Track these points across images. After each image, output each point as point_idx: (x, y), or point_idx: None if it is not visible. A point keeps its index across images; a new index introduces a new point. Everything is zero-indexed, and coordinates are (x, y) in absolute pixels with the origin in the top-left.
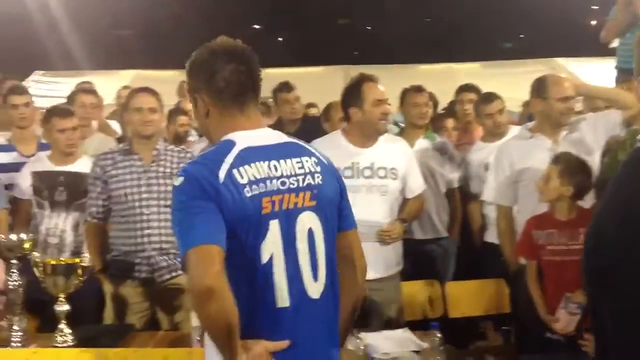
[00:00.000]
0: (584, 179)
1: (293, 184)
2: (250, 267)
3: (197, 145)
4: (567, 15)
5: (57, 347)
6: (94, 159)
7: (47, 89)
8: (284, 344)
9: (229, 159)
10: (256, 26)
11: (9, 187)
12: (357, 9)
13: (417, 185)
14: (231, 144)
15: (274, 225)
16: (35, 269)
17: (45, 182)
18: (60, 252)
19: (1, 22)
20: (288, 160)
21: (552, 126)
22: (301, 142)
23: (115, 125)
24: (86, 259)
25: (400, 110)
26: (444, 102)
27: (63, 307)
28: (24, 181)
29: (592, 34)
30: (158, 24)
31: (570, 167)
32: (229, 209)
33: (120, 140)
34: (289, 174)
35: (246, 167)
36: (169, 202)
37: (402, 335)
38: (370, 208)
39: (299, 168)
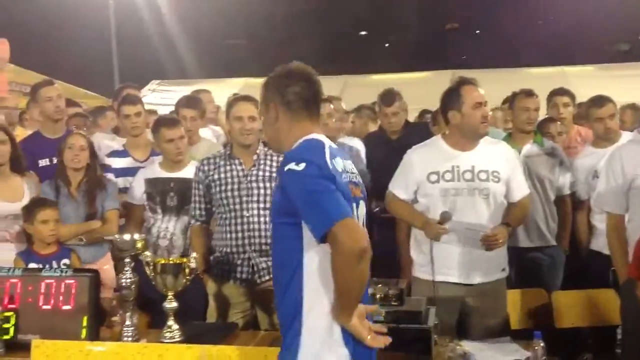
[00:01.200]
0: None
1: (353, 179)
2: None
3: None
4: None
5: (165, 342)
6: (198, 164)
7: (162, 97)
8: (374, 307)
9: (326, 151)
10: (363, 32)
11: (123, 190)
12: (465, 13)
13: (520, 189)
14: (319, 140)
15: (354, 209)
16: (146, 268)
17: (157, 188)
18: (170, 254)
19: (122, 36)
20: (348, 161)
21: None
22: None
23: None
24: (193, 259)
25: (508, 114)
26: None
27: (172, 304)
28: (138, 187)
29: None
30: (267, 33)
31: None
32: (339, 190)
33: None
34: (348, 170)
35: (336, 159)
36: (268, 205)
37: (505, 344)
38: (473, 211)
39: (351, 168)
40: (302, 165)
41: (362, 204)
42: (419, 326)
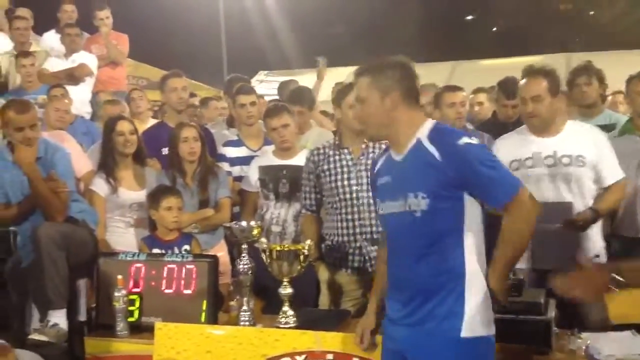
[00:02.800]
0: None
1: None
2: None
3: None
4: None
5: (280, 327)
6: (308, 154)
7: (270, 87)
8: None
9: None
10: (469, 17)
11: (238, 179)
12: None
13: (613, 173)
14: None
15: None
16: (262, 254)
17: (270, 175)
18: (282, 240)
19: (230, 28)
20: None
21: None
22: None
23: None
24: (308, 246)
25: (625, 99)
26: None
27: (287, 290)
28: (253, 175)
29: None
30: (370, 21)
31: None
32: None
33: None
34: None
35: None
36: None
37: (628, 336)
38: (557, 197)
39: None
40: (476, 140)
41: None
42: (538, 317)
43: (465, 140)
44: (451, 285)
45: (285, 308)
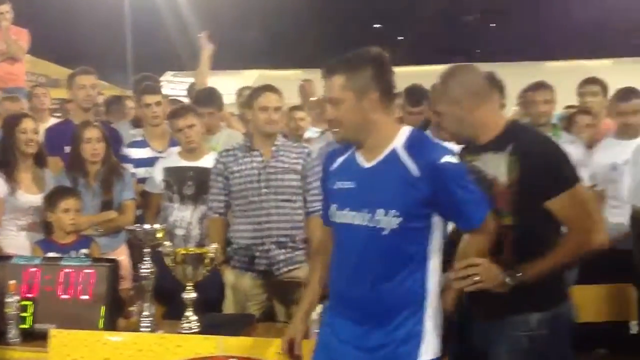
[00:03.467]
0: None
1: None
2: None
3: (316, 145)
4: None
5: (183, 333)
6: (217, 155)
7: (178, 88)
8: None
9: None
10: (377, 25)
11: (142, 181)
12: (480, 6)
13: None
14: (422, 132)
15: None
16: (166, 258)
17: (175, 176)
18: (186, 243)
19: (137, 26)
20: None
21: None
22: None
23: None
24: (214, 249)
25: (521, 109)
26: (574, 99)
27: (191, 295)
28: (157, 176)
29: None
30: (280, 24)
31: None
32: None
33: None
34: None
35: None
36: (287, 197)
37: None
38: None
39: None
40: (457, 159)
41: None
42: None
43: (447, 158)
44: (411, 308)
45: (188, 313)
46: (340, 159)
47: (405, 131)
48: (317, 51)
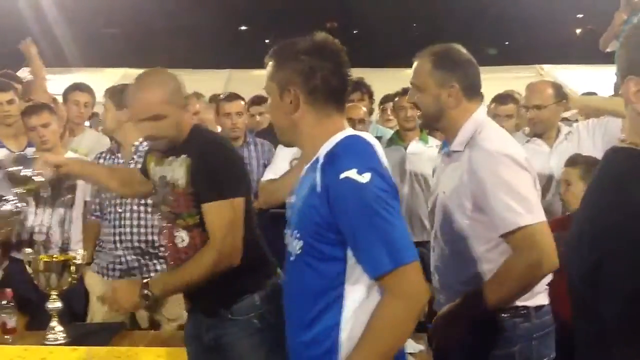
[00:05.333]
0: None
1: None
2: None
3: None
4: (552, 23)
5: (48, 345)
6: (93, 159)
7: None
8: None
9: (379, 152)
10: (243, 27)
11: None
12: (344, 12)
13: None
14: (365, 140)
15: None
16: (27, 266)
17: None
18: (47, 249)
19: None
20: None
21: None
22: None
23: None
24: (80, 255)
25: (392, 114)
26: None
27: (55, 304)
28: None
29: (577, 42)
30: (147, 23)
31: (591, 166)
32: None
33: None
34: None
35: (385, 163)
36: (143, 200)
37: None
38: None
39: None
40: (368, 176)
41: None
42: None
43: (348, 174)
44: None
45: (54, 324)
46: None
47: (339, 137)
48: (184, 52)
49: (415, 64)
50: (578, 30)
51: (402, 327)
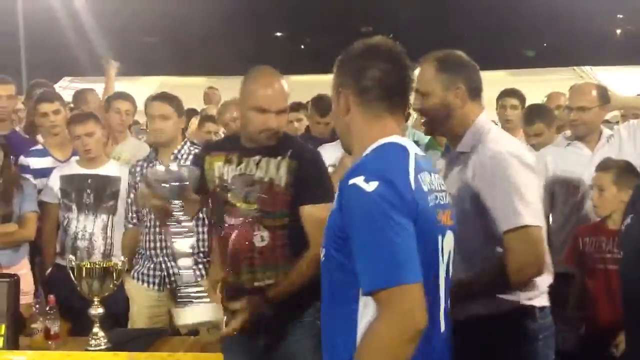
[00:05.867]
0: None
1: (441, 200)
2: (425, 288)
3: None
4: (592, 24)
5: (90, 350)
6: (130, 166)
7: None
8: None
9: (411, 163)
10: (278, 33)
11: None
12: (379, 16)
13: None
14: (402, 147)
15: (440, 241)
16: (70, 272)
17: (72, 185)
18: (90, 255)
19: (33, 30)
20: (435, 175)
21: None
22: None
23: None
24: (121, 262)
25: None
26: None
27: (97, 310)
28: (54, 185)
29: (617, 43)
30: (184, 32)
31: (624, 170)
32: (420, 221)
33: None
34: (438, 189)
35: (424, 174)
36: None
37: None
38: None
39: (440, 184)
40: (374, 185)
41: (449, 235)
42: None
43: (356, 180)
44: None
45: (96, 329)
46: None
47: (381, 141)
48: (221, 59)
49: (418, 71)
50: (618, 31)
51: (389, 351)
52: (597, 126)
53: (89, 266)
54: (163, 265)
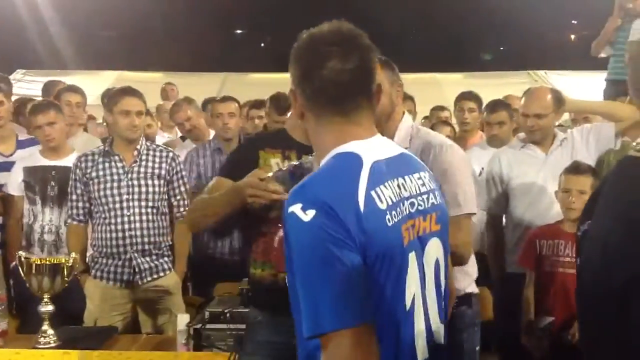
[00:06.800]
0: None
1: (421, 205)
2: (390, 318)
3: (183, 150)
4: (547, 29)
5: (39, 348)
6: (75, 160)
7: (28, 87)
8: None
9: (363, 177)
10: (239, 31)
11: None
12: (339, 15)
13: None
14: (356, 157)
15: (412, 259)
16: (20, 268)
17: (36, 177)
18: (58, 249)
19: None
20: (412, 177)
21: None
22: (411, 153)
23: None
24: (72, 259)
25: None
26: (426, 110)
27: (47, 307)
28: (16, 177)
29: (572, 48)
30: (141, 26)
31: (595, 174)
32: (374, 246)
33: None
34: (415, 192)
35: (382, 187)
36: (151, 203)
37: None
38: None
39: (422, 185)
40: (311, 214)
41: (433, 243)
42: None
43: (294, 208)
44: None
45: (45, 327)
46: None
47: (333, 152)
48: (179, 55)
49: None
50: (573, 36)
51: None
52: (552, 130)
53: (38, 262)
54: (134, 262)
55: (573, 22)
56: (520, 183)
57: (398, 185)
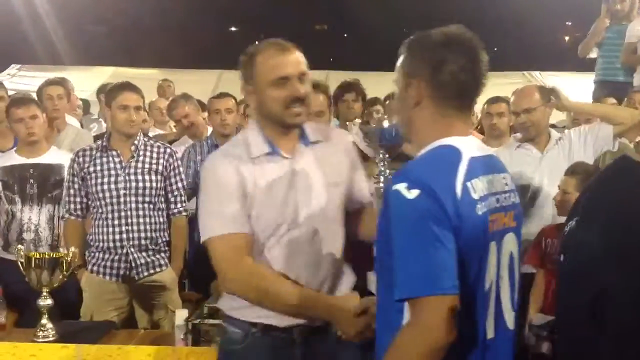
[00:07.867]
0: None
1: (504, 202)
2: (469, 297)
3: (181, 146)
4: (541, 30)
5: (38, 342)
6: (72, 155)
7: (23, 83)
8: None
9: (462, 169)
10: (233, 28)
11: None
12: (334, 15)
13: None
14: (456, 150)
15: (492, 248)
16: (19, 263)
17: (13, 176)
18: (37, 247)
19: None
20: (498, 175)
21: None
22: (497, 156)
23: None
24: (72, 253)
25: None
26: None
27: (46, 301)
28: None
29: (566, 49)
30: (137, 22)
31: (590, 175)
32: (465, 231)
33: (97, 137)
34: (500, 190)
35: (476, 180)
36: (148, 198)
37: None
38: None
39: (505, 184)
40: (415, 193)
41: (509, 237)
42: None
43: (399, 187)
44: None
45: (44, 321)
46: None
47: (437, 143)
48: (174, 51)
49: None
50: (567, 38)
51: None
52: (546, 125)
53: (38, 257)
54: (130, 257)
55: (567, 23)
56: (517, 182)
57: (488, 181)
